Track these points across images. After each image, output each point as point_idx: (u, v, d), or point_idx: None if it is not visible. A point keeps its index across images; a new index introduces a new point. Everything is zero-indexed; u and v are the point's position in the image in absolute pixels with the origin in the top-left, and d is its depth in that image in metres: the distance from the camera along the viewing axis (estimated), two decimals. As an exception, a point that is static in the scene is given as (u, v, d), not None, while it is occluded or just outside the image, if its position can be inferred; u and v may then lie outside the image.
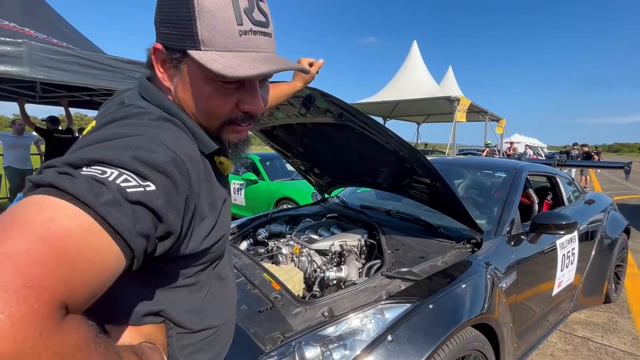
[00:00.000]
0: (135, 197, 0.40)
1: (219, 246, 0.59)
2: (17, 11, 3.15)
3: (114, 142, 0.44)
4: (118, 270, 0.39)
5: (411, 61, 11.98)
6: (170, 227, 0.44)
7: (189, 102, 0.54)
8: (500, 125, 13.56)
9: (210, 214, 0.55)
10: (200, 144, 0.55)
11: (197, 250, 0.53)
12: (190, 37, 0.49)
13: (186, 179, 0.46)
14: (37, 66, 2.58)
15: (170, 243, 0.46)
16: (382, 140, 1.36)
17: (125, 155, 0.42)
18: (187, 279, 0.57)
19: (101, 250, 0.36)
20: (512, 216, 1.87)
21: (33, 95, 4.66)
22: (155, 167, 0.43)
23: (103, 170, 0.40)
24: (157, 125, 0.50)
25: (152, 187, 0.42)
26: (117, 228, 0.37)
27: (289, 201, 4.48)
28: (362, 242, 1.81)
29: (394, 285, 1.33)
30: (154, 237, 0.43)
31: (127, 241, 0.38)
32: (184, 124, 0.54)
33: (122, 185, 0.39)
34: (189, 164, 0.47)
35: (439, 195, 1.57)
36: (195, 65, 0.51)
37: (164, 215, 0.43)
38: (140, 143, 0.44)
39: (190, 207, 0.48)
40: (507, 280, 1.61)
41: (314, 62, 1.06)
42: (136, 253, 0.40)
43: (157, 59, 0.54)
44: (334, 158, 1.99)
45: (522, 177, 2.13)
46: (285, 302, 1.30)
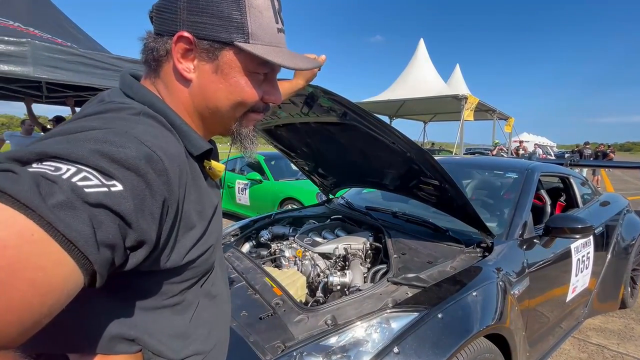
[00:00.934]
0: (96, 198, 0.33)
1: (205, 259, 0.53)
2: (21, 11, 3.15)
3: (77, 135, 0.38)
4: (73, 289, 0.33)
5: (418, 59, 11.83)
6: (142, 234, 0.38)
7: (219, 93, 0.52)
8: (509, 124, 13.34)
9: (199, 222, 0.50)
10: (188, 144, 0.51)
11: (180, 263, 0.47)
12: (240, 30, 0.49)
13: (164, 179, 0.40)
14: (41, 66, 2.57)
15: (144, 254, 0.40)
16: (388, 140, 1.30)
17: (86, 148, 0.35)
18: (170, 299, 0.50)
19: (47, 266, 0.30)
20: (524, 219, 1.79)
21: (39, 95, 4.68)
22: (123, 163, 0.36)
23: (57, 166, 0.34)
24: (136, 120, 0.45)
25: (119, 187, 0.35)
26: (69, 236, 0.31)
27: (294, 201, 4.44)
28: (367, 245, 1.75)
29: (400, 292, 1.27)
30: (123, 247, 0.36)
31: (83, 252, 0.32)
32: (171, 121, 0.50)
33: (79, 184, 0.33)
34: (168, 162, 0.42)
35: (448, 197, 1.51)
36: (239, 57, 0.51)
37: (134, 221, 0.36)
38: (107, 136, 0.38)
39: (169, 213, 0.42)
40: (519, 287, 1.53)
41: (315, 59, 1.01)
42: (97, 267, 0.33)
43: (179, 49, 0.49)
44: (339, 158, 1.94)
45: (535, 178, 2.05)
46: (287, 308, 1.25)
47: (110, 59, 3.02)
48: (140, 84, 0.53)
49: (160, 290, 0.48)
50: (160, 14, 0.50)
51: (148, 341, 0.48)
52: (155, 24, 0.52)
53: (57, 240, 0.31)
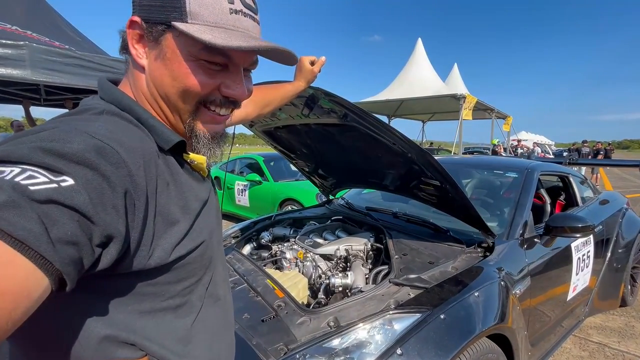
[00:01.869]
0: (44, 194, 0.31)
1: (198, 255, 0.50)
2: (19, 14, 3.14)
3: (23, 138, 0.36)
4: (36, 291, 0.31)
5: (416, 59, 11.84)
6: (107, 228, 0.36)
7: (164, 80, 0.48)
8: (507, 122, 13.38)
9: (183, 217, 0.48)
10: (158, 139, 0.49)
11: (167, 260, 0.45)
12: (177, 9, 0.45)
13: (124, 172, 0.38)
14: (39, 69, 2.56)
15: (117, 249, 0.38)
16: (389, 141, 1.30)
17: (28, 148, 0.34)
18: (170, 300, 0.48)
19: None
20: (524, 218, 1.80)
21: (37, 98, 4.67)
22: (71, 157, 0.35)
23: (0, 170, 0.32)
24: (95, 119, 0.44)
25: (69, 181, 0.33)
26: (15, 235, 0.29)
27: (294, 202, 4.44)
28: (368, 246, 1.75)
29: (402, 293, 1.27)
30: (89, 245, 0.34)
31: (37, 251, 0.30)
32: (138, 117, 0.48)
33: (23, 183, 0.31)
34: (126, 153, 0.40)
35: (449, 197, 1.51)
36: (179, 39, 0.47)
37: (94, 214, 0.34)
38: (53, 135, 0.36)
39: (137, 205, 0.40)
40: (521, 286, 1.53)
41: (315, 61, 1.01)
42: (59, 265, 0.31)
43: (133, 35, 0.48)
44: (339, 159, 1.94)
45: (535, 178, 2.05)
46: (289, 310, 1.25)
47: (108, 61, 3.02)
48: (111, 83, 0.51)
49: (156, 292, 0.46)
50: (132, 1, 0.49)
51: (148, 346, 0.46)
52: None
53: (5, 240, 0.29)
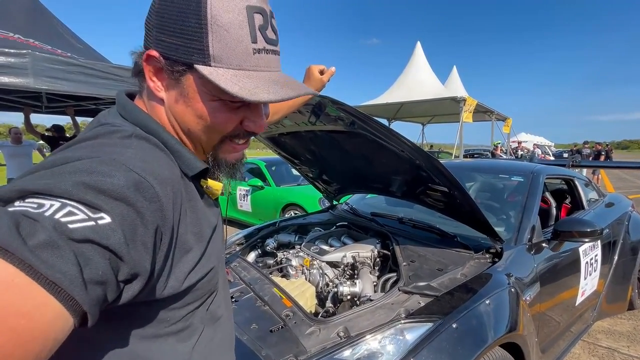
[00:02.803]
0: (82, 233, 0.31)
1: (207, 281, 0.51)
2: (21, 22, 3.15)
3: (61, 167, 0.36)
4: (61, 332, 0.31)
5: (415, 62, 11.89)
6: (135, 266, 0.36)
7: (187, 117, 0.48)
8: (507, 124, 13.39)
9: (196, 245, 0.48)
10: (183, 165, 0.49)
11: (180, 289, 0.45)
12: (200, 51, 0.44)
13: (156, 206, 0.38)
14: (41, 77, 2.56)
15: (139, 286, 0.37)
16: (396, 148, 1.29)
17: (69, 181, 0.34)
18: (173, 325, 0.47)
19: (29, 312, 0.28)
20: (532, 223, 1.78)
21: (39, 106, 4.67)
22: (110, 193, 0.34)
23: (40, 203, 0.32)
24: (127, 144, 0.43)
25: (107, 219, 0.33)
26: (52, 278, 0.29)
27: (296, 207, 4.42)
28: (375, 253, 1.73)
29: (412, 302, 1.26)
30: (115, 282, 0.34)
31: (70, 293, 0.30)
32: (164, 142, 0.48)
33: (63, 221, 0.31)
34: (160, 187, 0.40)
35: (457, 203, 1.50)
36: (201, 81, 0.46)
37: (125, 253, 0.34)
38: (92, 166, 0.36)
39: (164, 240, 0.40)
40: (530, 292, 1.52)
41: (324, 70, 1.00)
42: (87, 307, 0.31)
43: (150, 67, 0.47)
44: (344, 165, 1.93)
45: (540, 181, 2.04)
46: (297, 320, 1.23)
47: (110, 69, 3.02)
48: (134, 103, 0.51)
49: (160, 318, 0.46)
50: (145, 28, 0.48)
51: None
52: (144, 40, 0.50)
53: (41, 283, 0.29)
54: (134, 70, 0.51)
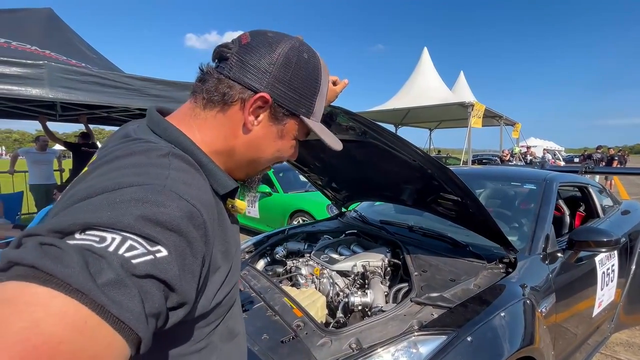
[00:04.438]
0: (144, 269, 0.32)
1: (230, 297, 0.53)
2: (38, 34, 3.25)
3: (115, 194, 0.36)
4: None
5: (422, 68, 11.89)
6: (184, 296, 0.37)
7: (269, 149, 0.57)
8: (516, 129, 13.25)
9: (224, 263, 0.49)
10: (214, 183, 0.51)
11: (208, 308, 0.46)
12: (308, 107, 0.57)
13: (202, 233, 0.40)
14: (57, 87, 2.63)
15: (185, 312, 0.38)
16: (408, 157, 1.28)
17: (130, 214, 0.34)
18: (198, 344, 0.49)
19: (99, 352, 0.28)
20: (546, 232, 1.75)
21: (53, 114, 4.78)
22: (166, 225, 0.35)
23: (101, 236, 0.32)
24: (166, 165, 0.43)
25: (164, 252, 0.34)
26: (121, 317, 0.29)
27: (304, 214, 4.42)
28: (385, 262, 1.72)
29: (425, 313, 1.24)
30: (166, 311, 0.35)
31: (134, 330, 0.30)
32: (199, 161, 0.50)
33: (127, 256, 0.32)
34: (205, 212, 0.41)
35: (469, 212, 1.48)
36: (298, 125, 0.58)
37: (178, 285, 0.35)
38: (147, 195, 0.36)
39: (206, 264, 0.42)
40: (546, 304, 1.48)
41: (337, 81, 1.01)
42: (145, 340, 0.32)
43: (254, 104, 0.52)
44: (354, 173, 1.92)
45: (554, 189, 2.00)
46: (308, 331, 1.22)
47: (122, 78, 3.08)
48: (168, 122, 0.52)
49: (188, 337, 0.47)
50: (243, 65, 0.52)
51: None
52: (232, 69, 0.52)
53: (109, 322, 0.29)
54: (210, 96, 0.52)
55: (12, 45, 2.84)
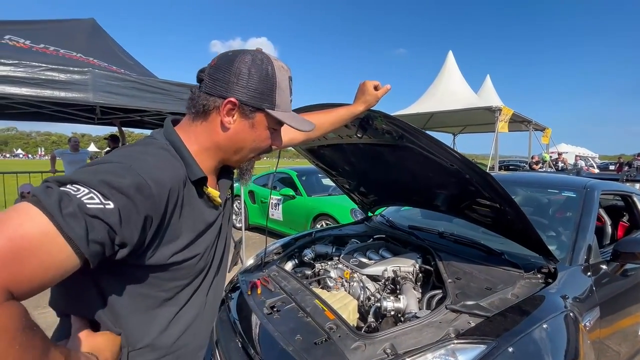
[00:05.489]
0: (93, 211, 0.48)
1: (192, 264, 0.68)
2: (83, 43, 3.46)
3: (98, 166, 0.55)
4: (70, 267, 0.48)
5: (447, 71, 11.65)
6: (125, 238, 0.53)
7: (246, 141, 0.73)
8: (546, 135, 12.69)
9: (186, 233, 0.65)
10: (190, 173, 0.66)
11: (164, 262, 0.62)
12: (270, 101, 0.71)
13: (150, 201, 0.55)
14: (99, 92, 2.78)
15: (128, 250, 0.55)
16: (446, 162, 1.27)
17: (96, 178, 0.51)
18: (164, 292, 0.66)
19: (53, 252, 0.45)
20: (588, 242, 1.67)
21: (92, 118, 5.06)
22: (118, 189, 0.52)
23: (78, 188, 0.50)
24: (151, 152, 0.62)
25: (111, 205, 0.50)
26: (70, 235, 0.46)
27: (327, 217, 4.43)
28: (416, 267, 1.69)
29: (461, 321, 1.21)
30: (111, 244, 0.51)
31: (78, 246, 0.47)
32: (181, 154, 0.67)
33: (84, 201, 0.48)
34: (157, 187, 0.56)
35: (507, 220, 1.43)
36: (266, 118, 0.72)
37: (117, 229, 0.51)
38: (115, 169, 0.54)
39: (152, 224, 0.57)
40: (589, 318, 1.41)
41: (379, 86, 1.02)
42: (87, 255, 0.48)
43: (226, 108, 0.68)
44: (384, 177, 1.91)
45: (596, 197, 1.91)
46: (341, 334, 1.23)
47: (158, 83, 3.22)
48: (172, 127, 0.71)
49: (152, 282, 0.64)
50: (213, 81, 0.68)
51: (131, 323, 0.63)
52: (206, 86, 0.69)
53: (63, 236, 0.46)
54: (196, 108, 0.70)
55: (60, 53, 3.04)
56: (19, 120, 5.08)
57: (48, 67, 2.55)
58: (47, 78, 2.55)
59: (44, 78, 2.54)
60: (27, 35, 3.06)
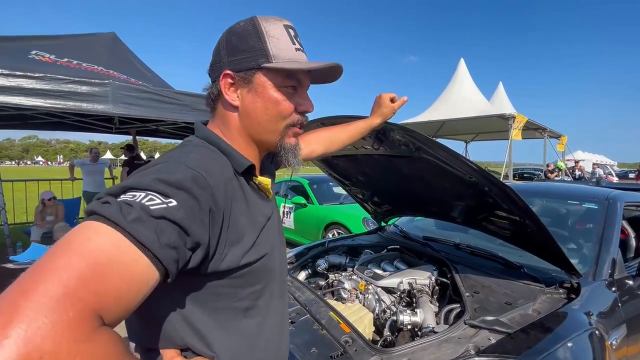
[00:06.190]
0: (158, 212, 0.44)
1: (262, 265, 0.61)
2: (103, 56, 3.60)
3: (146, 171, 0.51)
4: (150, 281, 0.44)
5: (459, 79, 11.59)
6: (196, 237, 0.48)
7: (257, 110, 0.63)
8: (562, 142, 12.41)
9: (250, 231, 0.59)
10: (234, 163, 0.61)
11: (238, 264, 0.56)
12: (264, 55, 0.60)
13: (209, 192, 0.51)
14: (119, 103, 2.88)
15: (202, 254, 0.50)
16: (463, 173, 1.25)
17: (149, 178, 0.48)
18: (242, 302, 0.60)
19: (129, 262, 0.41)
20: (612, 256, 1.61)
21: (110, 127, 5.22)
22: (175, 185, 0.48)
23: (133, 194, 0.46)
24: (191, 151, 0.59)
25: (174, 202, 0.47)
26: (141, 240, 0.42)
27: (339, 226, 4.41)
28: (433, 280, 1.66)
29: (481, 337, 1.18)
30: (184, 248, 0.47)
31: (152, 252, 0.43)
32: (220, 148, 0.62)
33: (146, 204, 0.45)
34: (211, 178, 0.52)
35: (527, 232, 1.40)
36: (267, 75, 0.61)
37: (188, 226, 0.47)
38: (164, 167, 0.51)
39: (216, 220, 0.52)
40: (616, 336, 1.36)
41: (395, 98, 1.02)
42: (165, 263, 0.44)
43: (225, 84, 0.63)
44: (399, 188, 1.90)
45: (619, 209, 1.85)
46: (357, 348, 1.21)
47: (174, 94, 3.31)
48: (203, 126, 0.67)
49: (230, 293, 0.58)
50: (212, 66, 0.65)
51: (217, 344, 0.57)
52: (210, 75, 0.66)
53: (135, 244, 0.42)
54: (207, 101, 0.68)
55: (82, 66, 3.17)
56: (42, 129, 5.28)
57: (71, 80, 2.65)
58: (70, 90, 2.66)
59: (67, 90, 2.65)
60: (52, 50, 3.20)
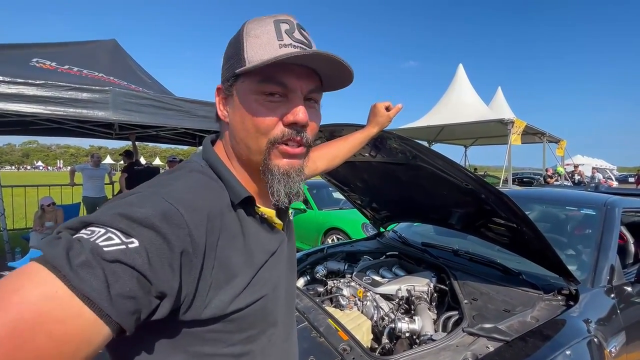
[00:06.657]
0: (112, 255, 0.37)
1: (259, 308, 0.52)
2: (104, 62, 3.63)
3: (117, 201, 0.44)
4: (97, 339, 0.36)
5: (457, 84, 11.66)
6: (161, 286, 0.40)
7: (237, 126, 0.55)
8: (561, 147, 12.44)
9: (245, 270, 0.51)
10: (232, 194, 0.53)
11: (225, 312, 0.47)
12: (239, 60, 0.52)
13: (184, 231, 0.42)
14: (119, 109, 2.90)
15: (170, 303, 0.41)
16: (460, 181, 1.26)
17: (110, 213, 0.41)
18: (233, 347, 0.50)
19: (65, 319, 0.34)
20: (610, 262, 1.61)
21: (110, 133, 5.24)
22: (140, 222, 0.40)
23: (92, 230, 0.39)
24: (177, 177, 0.51)
25: (135, 243, 0.39)
26: (84, 292, 0.34)
27: (339, 231, 4.41)
28: (431, 287, 1.66)
29: (479, 345, 1.18)
30: (147, 297, 0.39)
31: (98, 305, 0.35)
32: (219, 174, 0.55)
33: (100, 244, 0.37)
34: (189, 214, 0.44)
35: (524, 239, 1.40)
36: (242, 84, 0.53)
37: (150, 274, 0.39)
38: (135, 199, 0.43)
39: (194, 263, 0.44)
40: (615, 343, 1.35)
41: (390, 106, 1.03)
42: (116, 317, 0.36)
43: (219, 100, 0.58)
44: (397, 194, 1.91)
45: (617, 215, 1.85)
46: (355, 356, 1.21)
47: (174, 101, 3.33)
48: (209, 145, 0.60)
49: (217, 338, 0.49)
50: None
51: None
52: None
53: (77, 295, 0.34)
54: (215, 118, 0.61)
55: (83, 73, 3.19)
56: (42, 135, 5.30)
57: (72, 87, 2.67)
58: (70, 97, 2.67)
59: (68, 97, 2.67)
60: (53, 57, 3.23)
